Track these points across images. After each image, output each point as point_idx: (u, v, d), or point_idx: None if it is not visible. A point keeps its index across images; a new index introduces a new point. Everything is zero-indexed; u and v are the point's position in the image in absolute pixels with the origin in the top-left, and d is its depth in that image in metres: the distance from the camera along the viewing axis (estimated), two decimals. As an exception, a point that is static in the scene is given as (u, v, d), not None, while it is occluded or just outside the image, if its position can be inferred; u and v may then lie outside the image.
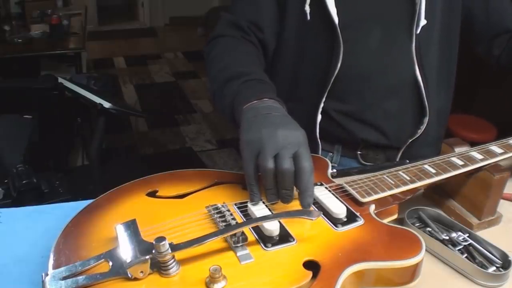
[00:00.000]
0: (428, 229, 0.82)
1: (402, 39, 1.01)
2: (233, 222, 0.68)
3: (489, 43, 1.11)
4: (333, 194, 0.78)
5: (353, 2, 1.00)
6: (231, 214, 0.70)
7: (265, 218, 0.67)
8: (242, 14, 1.04)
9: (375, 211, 0.76)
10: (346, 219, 0.72)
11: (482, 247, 0.77)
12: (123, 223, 0.66)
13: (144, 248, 0.61)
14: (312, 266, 0.63)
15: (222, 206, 0.73)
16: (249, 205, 0.73)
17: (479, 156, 0.85)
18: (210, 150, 3.58)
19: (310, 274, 0.61)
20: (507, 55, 1.09)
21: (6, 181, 1.22)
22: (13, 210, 0.85)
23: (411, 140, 1.07)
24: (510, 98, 2.69)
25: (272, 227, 0.66)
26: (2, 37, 3.31)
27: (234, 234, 0.64)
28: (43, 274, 0.59)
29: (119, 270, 0.60)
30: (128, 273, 0.59)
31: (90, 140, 2.33)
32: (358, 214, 0.73)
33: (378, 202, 0.77)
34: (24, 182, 1.19)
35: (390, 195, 0.78)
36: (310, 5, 0.99)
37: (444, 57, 1.06)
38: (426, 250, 0.73)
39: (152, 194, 0.78)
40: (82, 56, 3.53)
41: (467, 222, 0.85)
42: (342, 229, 0.70)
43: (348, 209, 0.74)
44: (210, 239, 0.63)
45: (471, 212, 0.86)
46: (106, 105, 2.13)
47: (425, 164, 0.83)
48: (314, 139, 1.06)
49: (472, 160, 0.84)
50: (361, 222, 0.72)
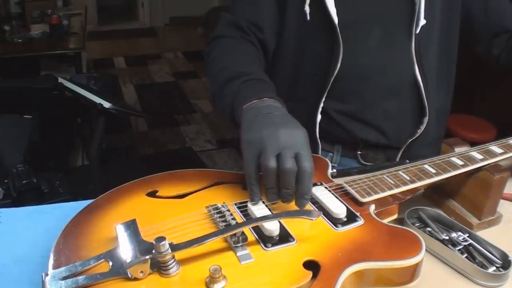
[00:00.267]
0: (428, 229, 0.82)
1: (401, 39, 1.01)
2: (233, 222, 0.68)
3: (488, 43, 1.12)
4: (333, 194, 0.78)
5: (352, 2, 1.00)
6: (231, 214, 0.70)
7: (265, 218, 0.67)
8: (242, 14, 1.04)
9: (375, 211, 0.76)
10: (346, 219, 0.72)
11: (482, 247, 0.77)
12: (123, 223, 0.66)
13: (144, 248, 0.61)
14: (312, 266, 0.63)
15: (222, 206, 0.73)
16: (249, 205, 0.73)
17: (479, 156, 0.85)
18: (210, 150, 3.57)
19: (310, 274, 0.61)
20: (507, 55, 1.09)
21: (6, 181, 1.22)
22: (13, 210, 0.85)
23: (411, 140, 1.07)
24: (510, 98, 2.69)
25: (272, 227, 0.67)
26: (2, 37, 3.31)
27: (234, 234, 0.65)
28: (43, 274, 0.59)
29: (119, 270, 0.60)
30: (128, 273, 0.59)
31: (90, 140, 2.33)
32: (358, 214, 0.73)
33: (378, 202, 0.77)
34: (24, 182, 1.19)
35: (390, 195, 0.78)
36: (309, 5, 0.99)
37: (443, 57, 1.06)
38: (426, 250, 0.73)
39: (152, 194, 0.78)
40: (82, 56, 3.52)
41: (467, 222, 0.85)
42: (342, 229, 0.70)
43: (348, 209, 0.74)
44: (210, 239, 0.63)
45: (471, 212, 0.86)
46: (106, 105, 2.13)
47: (425, 164, 0.83)
48: (314, 139, 1.06)
49: (472, 160, 0.84)
50: (361, 222, 0.72)
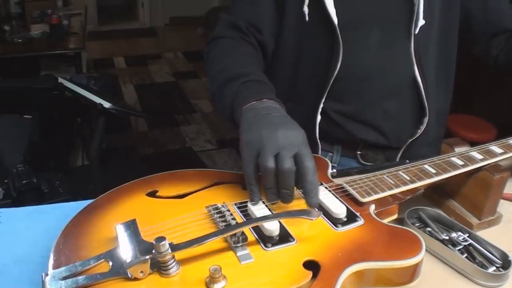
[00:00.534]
0: (428, 229, 0.82)
1: (401, 39, 1.01)
2: (233, 222, 0.68)
3: (487, 43, 1.12)
4: (333, 194, 0.78)
5: (351, 3, 1.00)
6: (231, 214, 0.70)
7: (265, 218, 0.67)
8: (241, 15, 1.04)
9: (375, 211, 0.76)
10: (346, 219, 0.72)
11: (482, 247, 0.77)
12: (123, 223, 0.66)
13: (144, 248, 0.61)
14: (312, 266, 0.63)
15: (222, 206, 0.73)
16: (249, 205, 0.73)
17: (479, 156, 0.85)
18: (210, 150, 3.57)
19: (310, 274, 0.61)
20: (505, 55, 1.09)
21: (6, 181, 1.23)
22: (13, 210, 0.85)
23: (411, 140, 1.07)
24: (510, 98, 2.69)
25: (272, 227, 0.67)
26: (2, 37, 3.31)
27: (234, 234, 0.65)
28: (43, 274, 0.59)
29: (119, 270, 0.60)
30: (128, 273, 0.59)
31: (90, 140, 2.33)
32: (358, 214, 0.73)
33: (378, 202, 0.77)
34: (24, 182, 1.20)
35: (390, 195, 0.78)
36: (308, 6, 0.99)
37: (443, 57, 1.06)
38: (426, 250, 0.73)
39: (152, 194, 0.78)
40: (82, 56, 3.53)
41: (467, 222, 0.85)
42: (342, 229, 0.70)
43: (348, 209, 0.74)
44: (210, 239, 0.63)
45: (471, 212, 0.86)
46: (106, 105, 2.13)
47: (425, 164, 0.83)
48: (313, 140, 1.06)
49: (472, 160, 0.84)
50: (361, 222, 0.72)
